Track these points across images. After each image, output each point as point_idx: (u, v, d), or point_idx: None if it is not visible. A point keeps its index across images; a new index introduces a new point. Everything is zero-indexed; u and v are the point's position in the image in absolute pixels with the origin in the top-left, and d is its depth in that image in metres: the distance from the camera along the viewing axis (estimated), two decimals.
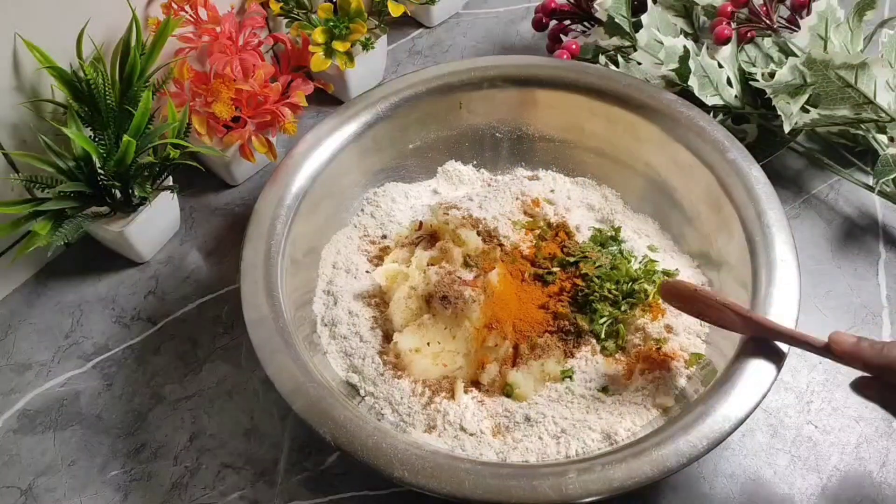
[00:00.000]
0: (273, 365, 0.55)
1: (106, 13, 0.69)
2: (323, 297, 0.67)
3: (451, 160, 0.77)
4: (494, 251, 0.67)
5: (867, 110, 0.71)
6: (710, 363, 0.59)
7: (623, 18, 0.81)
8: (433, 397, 0.59)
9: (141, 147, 0.66)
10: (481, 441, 0.57)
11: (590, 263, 0.65)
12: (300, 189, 0.66)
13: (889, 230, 0.74)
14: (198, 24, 0.74)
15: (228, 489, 0.60)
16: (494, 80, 0.74)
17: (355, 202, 0.73)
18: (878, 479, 0.59)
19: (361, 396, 0.60)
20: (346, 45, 0.80)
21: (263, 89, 0.73)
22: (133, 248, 0.72)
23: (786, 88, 0.72)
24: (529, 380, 0.60)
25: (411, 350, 0.61)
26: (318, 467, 0.61)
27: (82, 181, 0.66)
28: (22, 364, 0.68)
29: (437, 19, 0.97)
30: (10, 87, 0.64)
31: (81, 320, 0.71)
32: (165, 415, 0.64)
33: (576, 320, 0.63)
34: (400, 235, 0.71)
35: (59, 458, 0.62)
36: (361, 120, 0.71)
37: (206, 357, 0.68)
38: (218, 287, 0.73)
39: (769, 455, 0.60)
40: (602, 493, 0.49)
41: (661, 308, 0.64)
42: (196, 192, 0.80)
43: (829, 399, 0.63)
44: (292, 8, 0.82)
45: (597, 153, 0.75)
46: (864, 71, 0.69)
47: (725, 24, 0.76)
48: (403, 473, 0.50)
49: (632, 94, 0.71)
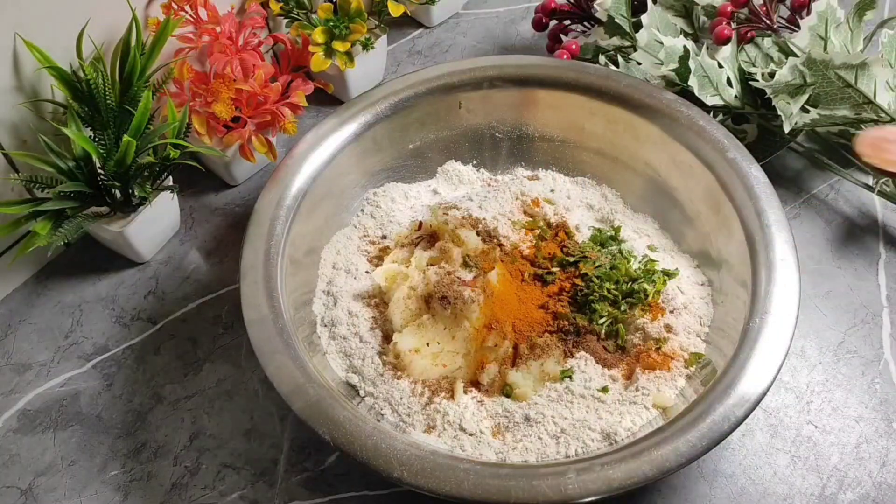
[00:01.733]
0: (273, 365, 0.55)
1: (106, 13, 0.69)
2: (323, 298, 0.67)
3: (450, 160, 0.77)
4: (494, 251, 0.67)
5: (867, 110, 0.71)
6: (710, 363, 0.59)
7: (623, 18, 0.81)
8: (433, 397, 0.59)
9: (141, 147, 0.66)
10: (481, 441, 0.57)
11: (589, 263, 0.65)
12: (300, 189, 0.66)
13: (889, 230, 0.74)
14: (198, 24, 0.74)
15: (228, 489, 0.60)
16: (494, 80, 0.74)
17: (355, 202, 0.73)
18: (878, 479, 0.59)
19: (361, 397, 0.60)
20: (346, 45, 0.80)
21: (263, 89, 0.73)
22: (133, 248, 0.72)
23: (786, 88, 0.72)
24: (529, 380, 0.60)
25: (411, 350, 0.61)
26: (317, 467, 0.61)
27: (82, 181, 0.66)
28: (22, 364, 0.68)
29: (437, 19, 0.97)
30: (10, 87, 0.64)
31: (81, 320, 0.71)
32: (165, 415, 0.64)
33: (575, 320, 0.63)
34: (400, 235, 0.71)
35: (59, 458, 0.62)
36: (361, 120, 0.71)
37: (206, 357, 0.68)
38: (218, 287, 0.73)
39: (769, 455, 0.60)
40: (602, 493, 0.49)
41: (661, 308, 0.64)
42: (196, 192, 0.80)
43: (829, 399, 0.63)
44: (292, 8, 0.82)
45: (597, 153, 0.75)
46: (864, 71, 0.69)
47: (725, 24, 0.76)
48: (403, 474, 0.50)
49: (632, 94, 0.71)
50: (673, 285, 0.65)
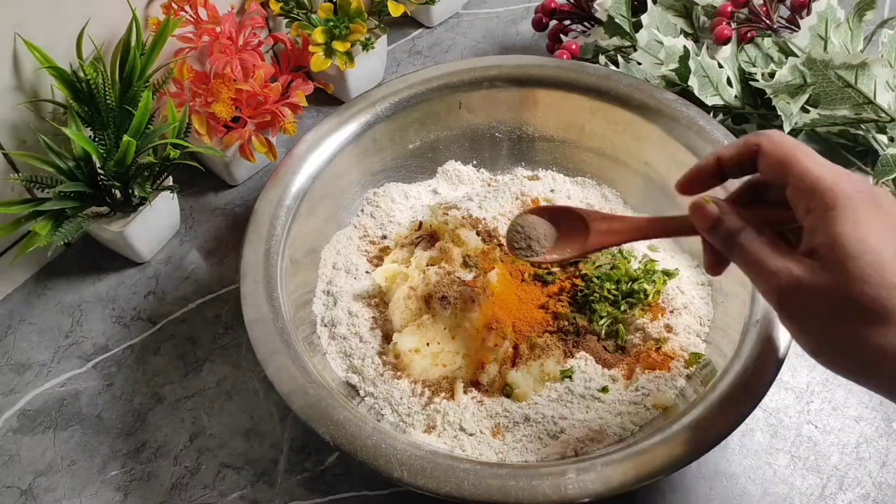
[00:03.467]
0: (273, 365, 0.55)
1: (106, 13, 0.69)
2: (323, 298, 0.67)
3: (450, 160, 0.77)
4: (494, 251, 0.67)
5: (867, 110, 0.71)
6: (709, 363, 0.59)
7: (623, 18, 0.81)
8: (433, 397, 0.59)
9: (141, 147, 0.66)
10: (481, 441, 0.57)
11: (589, 263, 0.65)
12: (300, 189, 0.66)
13: None
14: (198, 24, 0.74)
15: (228, 489, 0.60)
16: (494, 80, 0.74)
17: (355, 202, 0.73)
18: (878, 479, 0.59)
19: (361, 397, 0.60)
20: (346, 45, 0.80)
21: (263, 89, 0.73)
22: (133, 248, 0.72)
23: (786, 88, 0.72)
24: (529, 380, 0.60)
25: (411, 350, 0.61)
26: (317, 467, 0.61)
27: (82, 181, 0.66)
28: (22, 364, 0.68)
29: (437, 19, 0.97)
30: (10, 87, 0.64)
31: (81, 320, 0.71)
32: (165, 415, 0.64)
33: (575, 320, 0.63)
34: (400, 235, 0.71)
35: (59, 458, 0.62)
36: (361, 120, 0.71)
37: (206, 357, 0.68)
38: (218, 287, 0.73)
39: (769, 455, 0.60)
40: (602, 493, 0.49)
41: (661, 308, 0.64)
42: (196, 192, 0.80)
43: (829, 399, 0.63)
44: (292, 8, 0.82)
45: (597, 153, 0.75)
46: (864, 71, 0.69)
47: (725, 24, 0.76)
48: (403, 474, 0.50)
49: (632, 94, 0.71)
50: (673, 285, 0.65)
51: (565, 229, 0.55)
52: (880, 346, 0.38)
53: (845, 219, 0.38)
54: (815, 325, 0.40)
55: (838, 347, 0.39)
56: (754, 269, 0.42)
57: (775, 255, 0.41)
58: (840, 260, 0.38)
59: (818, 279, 0.39)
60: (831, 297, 0.38)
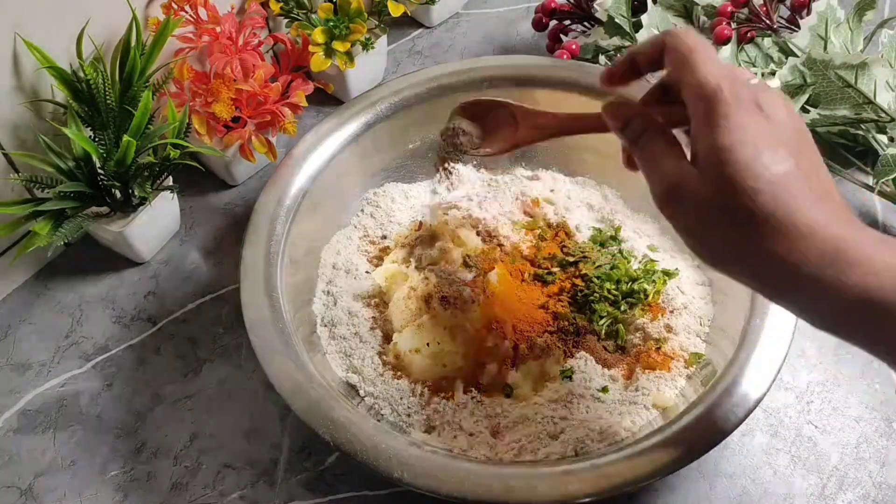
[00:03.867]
0: (273, 365, 0.55)
1: (106, 13, 0.69)
2: (323, 298, 0.67)
3: None
4: (494, 251, 0.67)
5: (867, 110, 0.71)
6: (710, 363, 0.59)
7: (623, 18, 0.81)
8: (432, 397, 0.59)
9: (141, 147, 0.66)
10: (481, 441, 0.57)
11: (589, 263, 0.65)
12: (300, 189, 0.66)
13: (889, 230, 0.74)
14: (198, 24, 0.74)
15: (228, 489, 0.60)
16: (494, 80, 0.74)
17: (355, 202, 0.73)
18: (878, 479, 0.59)
19: (361, 397, 0.60)
20: (346, 45, 0.80)
21: (263, 89, 0.73)
22: (133, 248, 0.72)
23: (786, 88, 0.72)
24: (529, 380, 0.60)
25: (411, 350, 0.61)
26: (317, 467, 0.61)
27: (82, 181, 0.66)
28: (22, 364, 0.68)
29: (437, 19, 0.97)
30: (10, 87, 0.64)
31: (81, 320, 0.71)
32: (165, 415, 0.64)
33: (575, 320, 0.63)
34: (400, 235, 0.71)
35: (59, 458, 0.62)
36: (361, 120, 0.71)
37: (206, 357, 0.68)
38: (218, 287, 0.73)
39: (769, 455, 0.60)
40: (602, 493, 0.49)
41: (661, 308, 0.64)
42: (196, 192, 0.80)
43: (829, 399, 0.63)
44: (292, 8, 0.82)
45: (597, 153, 0.75)
46: (864, 71, 0.69)
47: (725, 24, 0.76)
48: (403, 474, 0.50)
49: (632, 94, 0.71)
50: (673, 285, 0.65)
51: (495, 125, 0.58)
52: (756, 249, 0.38)
53: (718, 126, 0.39)
54: (698, 229, 0.41)
55: (719, 252, 0.40)
56: (647, 169, 0.43)
57: (667, 158, 0.42)
58: (712, 167, 0.39)
59: (695, 185, 0.40)
60: (707, 204, 0.39)
